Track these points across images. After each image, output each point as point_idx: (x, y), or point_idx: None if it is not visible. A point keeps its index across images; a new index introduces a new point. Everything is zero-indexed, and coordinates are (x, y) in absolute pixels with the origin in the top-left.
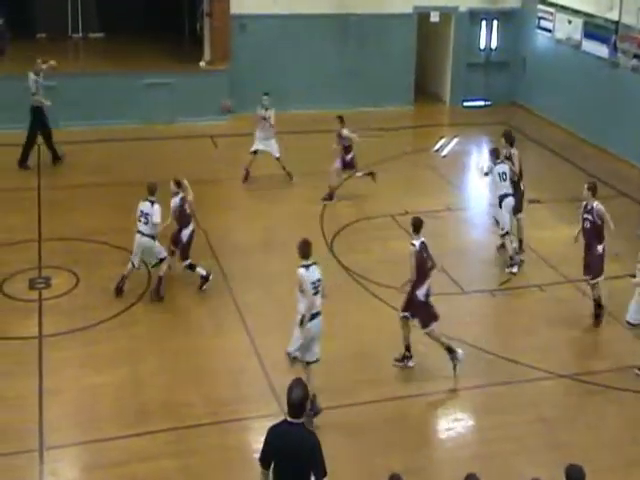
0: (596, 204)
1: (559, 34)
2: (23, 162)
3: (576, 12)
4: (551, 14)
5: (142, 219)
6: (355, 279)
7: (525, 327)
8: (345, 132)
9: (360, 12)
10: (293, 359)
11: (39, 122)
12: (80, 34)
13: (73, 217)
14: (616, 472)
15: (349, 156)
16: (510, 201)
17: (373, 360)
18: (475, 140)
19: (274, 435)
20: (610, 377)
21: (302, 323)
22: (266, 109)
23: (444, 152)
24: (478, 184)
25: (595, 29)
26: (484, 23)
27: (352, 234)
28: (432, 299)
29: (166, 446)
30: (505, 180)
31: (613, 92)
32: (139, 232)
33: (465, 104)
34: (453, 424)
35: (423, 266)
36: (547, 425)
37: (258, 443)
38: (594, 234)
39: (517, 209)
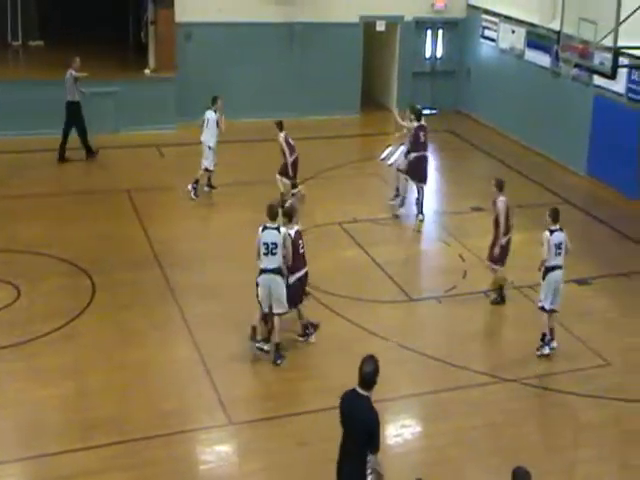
0: (499, 200)
1: (503, 44)
2: (61, 158)
3: (519, 22)
4: (495, 24)
5: None
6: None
7: (471, 333)
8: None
9: (306, 21)
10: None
11: (73, 117)
12: (20, 41)
13: (14, 228)
14: (556, 475)
15: (292, 158)
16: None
17: (322, 369)
18: None
19: (343, 399)
20: (555, 380)
21: None
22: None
23: (390, 160)
24: (425, 192)
25: (538, 39)
26: (429, 32)
27: None
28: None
29: (113, 460)
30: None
31: (555, 101)
32: None
33: None
34: (401, 430)
35: (298, 253)
36: (495, 430)
37: (207, 454)
38: (497, 226)
39: (421, 177)
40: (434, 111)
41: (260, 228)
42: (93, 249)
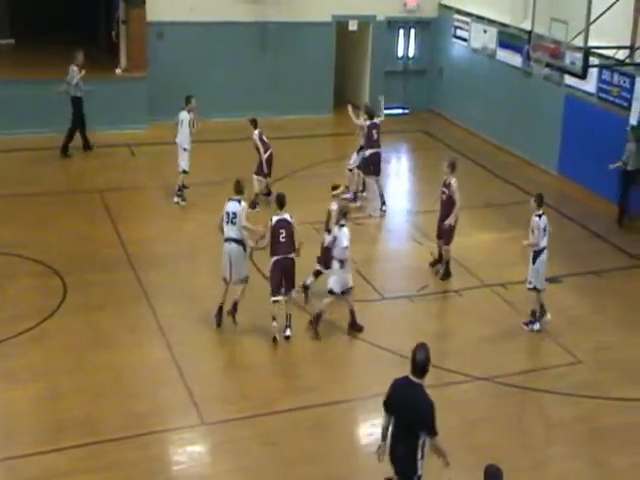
0: (453, 181)
1: (475, 43)
2: (86, 146)
3: (491, 22)
4: (467, 24)
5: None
6: None
7: (444, 331)
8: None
9: (279, 20)
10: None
11: (78, 112)
12: None
13: None
14: (528, 472)
15: (266, 155)
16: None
17: (295, 368)
18: (393, 147)
19: (395, 387)
20: (527, 378)
21: None
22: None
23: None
24: (397, 191)
25: (509, 39)
26: (402, 32)
27: None
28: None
29: (84, 461)
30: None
31: (526, 100)
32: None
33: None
34: (374, 429)
35: (278, 242)
36: (468, 428)
37: (180, 454)
38: (448, 206)
39: (376, 171)
40: (406, 111)
41: (226, 200)
42: (65, 250)
